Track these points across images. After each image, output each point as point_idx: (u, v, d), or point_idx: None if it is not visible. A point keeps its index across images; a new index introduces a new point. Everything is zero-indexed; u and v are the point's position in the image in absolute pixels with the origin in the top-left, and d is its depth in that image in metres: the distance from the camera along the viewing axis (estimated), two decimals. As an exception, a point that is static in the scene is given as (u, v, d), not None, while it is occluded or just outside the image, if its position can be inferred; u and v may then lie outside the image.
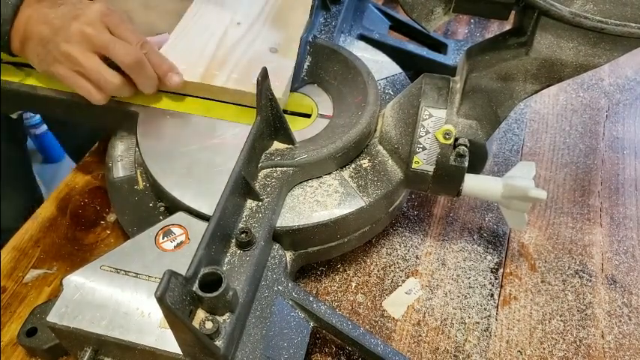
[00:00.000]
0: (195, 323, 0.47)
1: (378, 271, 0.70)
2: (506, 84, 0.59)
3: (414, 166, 0.63)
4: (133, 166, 0.70)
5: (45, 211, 0.77)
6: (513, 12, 0.58)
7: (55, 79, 0.67)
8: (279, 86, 0.69)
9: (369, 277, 0.70)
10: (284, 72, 0.71)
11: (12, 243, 0.73)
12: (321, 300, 0.59)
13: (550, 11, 0.52)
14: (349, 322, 0.57)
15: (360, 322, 0.65)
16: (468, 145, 0.60)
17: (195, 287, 0.46)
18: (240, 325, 0.51)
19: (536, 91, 0.59)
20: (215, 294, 0.46)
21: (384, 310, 0.67)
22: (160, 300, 0.41)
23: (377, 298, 0.68)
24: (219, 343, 0.47)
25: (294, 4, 0.81)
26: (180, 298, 0.44)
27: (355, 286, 0.69)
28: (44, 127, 1.93)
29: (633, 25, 0.50)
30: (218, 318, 0.48)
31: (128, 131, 0.73)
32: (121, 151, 0.72)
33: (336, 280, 0.69)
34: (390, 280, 0.69)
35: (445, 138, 0.60)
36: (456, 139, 0.61)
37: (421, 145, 0.62)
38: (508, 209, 0.65)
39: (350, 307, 0.67)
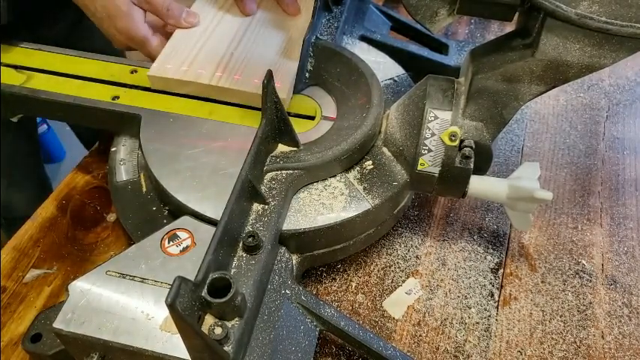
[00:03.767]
0: (204, 329, 0.47)
1: (378, 271, 0.70)
2: (512, 85, 0.59)
3: (419, 167, 0.63)
4: (136, 170, 0.70)
5: (45, 211, 0.76)
6: (517, 13, 0.58)
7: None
8: (282, 87, 0.69)
9: (369, 277, 0.70)
10: (287, 72, 0.71)
11: (12, 243, 0.73)
12: (328, 303, 0.59)
13: (556, 12, 0.52)
14: (357, 325, 0.57)
15: (361, 322, 0.65)
16: (474, 146, 0.60)
17: (204, 293, 0.46)
18: (248, 330, 0.50)
19: (542, 93, 0.59)
20: (224, 299, 0.46)
21: (384, 310, 0.67)
22: (171, 306, 0.40)
23: (377, 298, 0.68)
24: (228, 348, 0.47)
25: None
26: (190, 304, 0.44)
27: (355, 286, 0.69)
28: (44, 127, 1.95)
29: (638, 25, 0.51)
30: (227, 323, 0.48)
31: (131, 134, 0.73)
32: (123, 154, 0.72)
33: (336, 280, 0.69)
34: (390, 280, 0.70)
35: (451, 140, 0.60)
36: (461, 141, 0.61)
37: (426, 147, 0.61)
38: (513, 210, 0.65)
39: (350, 307, 0.67)
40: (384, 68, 0.77)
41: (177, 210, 0.61)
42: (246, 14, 0.79)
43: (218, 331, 0.46)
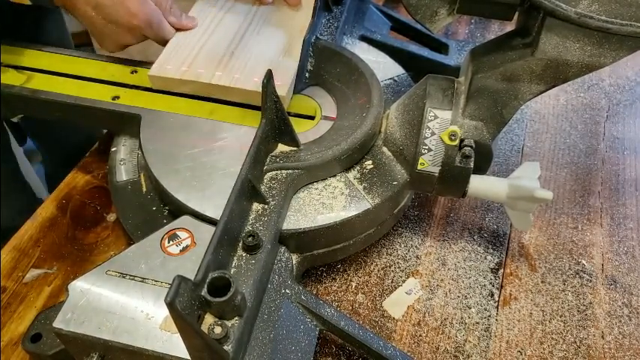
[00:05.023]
0: (204, 328, 0.47)
1: (379, 271, 0.70)
2: (512, 85, 0.59)
3: (419, 167, 0.63)
4: (136, 170, 0.70)
5: (45, 211, 0.76)
6: (517, 12, 0.58)
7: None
8: (282, 86, 0.69)
9: (370, 277, 0.70)
10: (287, 72, 0.71)
11: (12, 243, 0.73)
12: (328, 303, 0.59)
13: (556, 12, 0.52)
14: (357, 325, 0.57)
15: (361, 322, 0.65)
16: (474, 146, 0.60)
17: (204, 292, 0.46)
18: (248, 330, 0.50)
19: (542, 92, 0.60)
20: (224, 298, 0.46)
21: (384, 310, 0.67)
22: (171, 305, 0.40)
23: (377, 298, 0.68)
24: (228, 347, 0.47)
25: None
26: (190, 303, 0.44)
27: (355, 286, 0.69)
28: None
29: (638, 24, 0.51)
30: (227, 322, 0.48)
31: (131, 134, 0.73)
32: (123, 154, 0.72)
33: (336, 280, 0.69)
34: (390, 280, 0.69)
35: (451, 139, 0.60)
36: (461, 140, 0.61)
37: (426, 147, 0.61)
38: (513, 210, 0.65)
39: (350, 307, 0.67)
40: (384, 68, 0.77)
41: (177, 210, 0.61)
42: (293, 5, 0.81)
43: (218, 330, 0.46)
